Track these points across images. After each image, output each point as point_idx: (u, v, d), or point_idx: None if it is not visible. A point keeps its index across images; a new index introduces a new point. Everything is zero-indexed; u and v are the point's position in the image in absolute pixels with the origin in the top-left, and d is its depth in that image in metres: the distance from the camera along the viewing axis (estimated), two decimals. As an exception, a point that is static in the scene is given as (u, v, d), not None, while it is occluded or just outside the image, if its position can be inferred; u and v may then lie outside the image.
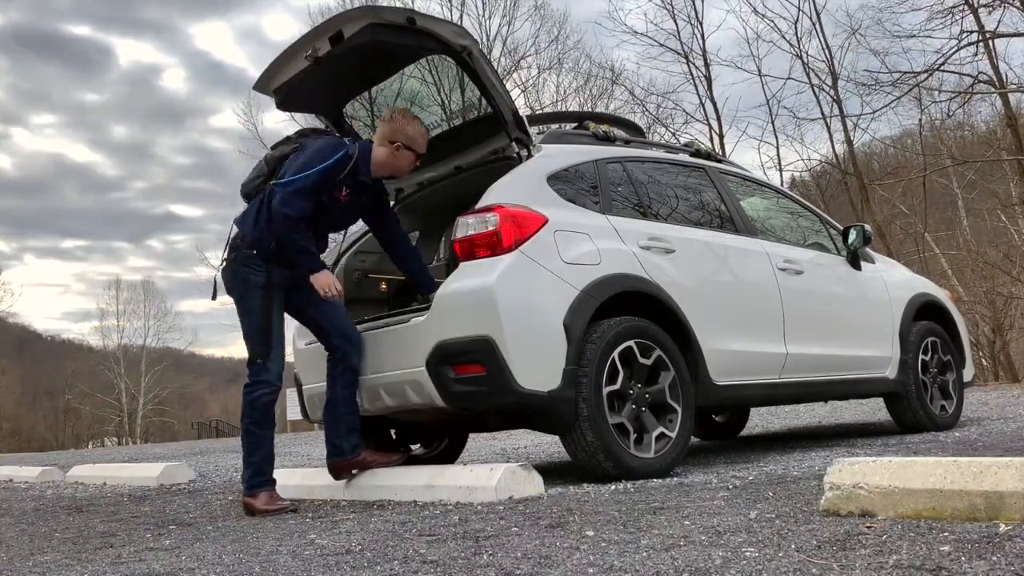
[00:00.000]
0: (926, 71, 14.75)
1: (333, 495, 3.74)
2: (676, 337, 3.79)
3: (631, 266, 3.75)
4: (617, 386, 3.52)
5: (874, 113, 16.33)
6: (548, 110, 21.15)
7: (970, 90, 15.17)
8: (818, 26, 18.08)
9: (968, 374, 5.59)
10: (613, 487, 3.31)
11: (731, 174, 4.84)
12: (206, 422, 44.76)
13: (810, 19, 18.30)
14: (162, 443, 31.21)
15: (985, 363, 16.53)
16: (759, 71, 19.03)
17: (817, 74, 18.19)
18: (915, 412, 5.06)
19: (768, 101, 19.06)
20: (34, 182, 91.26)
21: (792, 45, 18.39)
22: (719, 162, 4.91)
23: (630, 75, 31.36)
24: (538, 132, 4.19)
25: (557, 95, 22.29)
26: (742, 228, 4.52)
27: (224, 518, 3.41)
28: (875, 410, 7.64)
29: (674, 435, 3.65)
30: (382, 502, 3.44)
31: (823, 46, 17.94)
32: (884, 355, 4.98)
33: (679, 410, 3.69)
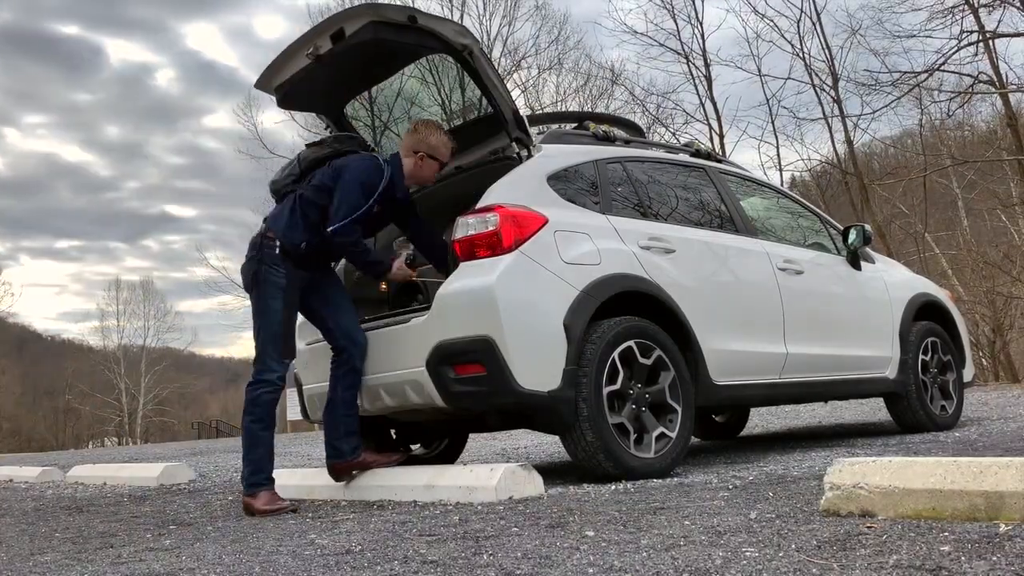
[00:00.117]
0: (926, 71, 14.77)
1: (333, 495, 3.74)
2: (676, 337, 3.79)
3: (631, 266, 3.75)
4: (617, 386, 3.52)
5: (874, 113, 16.38)
6: (548, 110, 21.17)
7: (970, 90, 15.19)
8: (818, 26, 18.10)
9: (968, 374, 5.59)
10: (613, 487, 3.31)
11: (731, 174, 4.84)
12: (206, 422, 44.78)
13: (810, 19, 18.32)
14: (162, 443, 31.22)
15: (985, 363, 16.53)
16: (759, 71, 19.06)
17: (817, 74, 18.21)
18: (915, 412, 5.06)
19: (768, 101, 19.09)
20: (27, 182, 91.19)
21: (793, 45, 18.42)
22: (719, 162, 4.90)
23: (630, 75, 31.39)
24: (538, 132, 4.18)
25: (557, 95, 22.33)
26: (742, 228, 4.52)
27: (224, 518, 3.41)
28: (875, 410, 7.64)
29: (674, 435, 3.65)
30: (382, 502, 3.44)
31: (823, 46, 17.97)
32: (884, 355, 4.98)
33: (679, 410, 3.69)
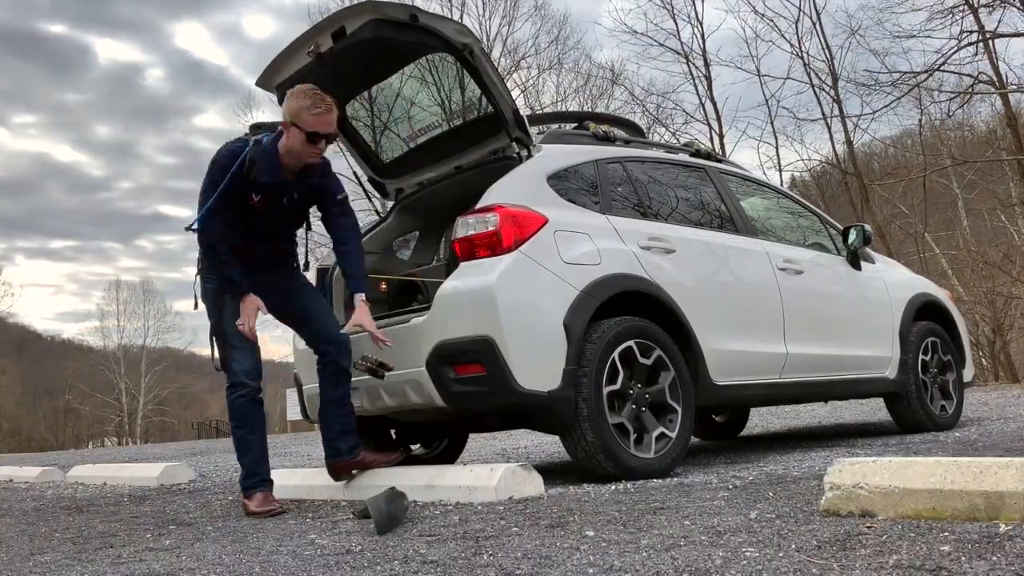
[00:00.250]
0: (926, 71, 14.78)
1: (333, 495, 3.74)
2: (676, 337, 3.79)
3: (631, 266, 3.75)
4: (617, 386, 3.52)
5: (874, 113, 16.38)
6: (548, 110, 21.18)
7: (970, 90, 15.19)
8: (818, 26, 18.12)
9: (968, 374, 5.59)
10: (613, 487, 3.31)
11: (731, 174, 4.84)
12: (206, 422, 44.77)
13: (810, 19, 18.36)
14: (162, 443, 31.23)
15: (985, 363, 16.54)
16: (759, 71, 19.09)
17: (817, 74, 18.23)
18: (915, 412, 5.06)
19: (767, 101, 19.12)
20: (19, 182, 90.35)
21: (792, 45, 18.43)
22: (719, 162, 4.90)
23: (630, 75, 31.39)
24: (538, 132, 4.19)
25: (557, 95, 22.37)
26: (742, 228, 4.52)
27: (224, 518, 3.41)
28: (875, 410, 7.64)
29: (674, 435, 3.65)
30: (382, 502, 3.43)
31: (823, 46, 18.00)
32: (884, 355, 4.98)
33: (679, 410, 3.69)
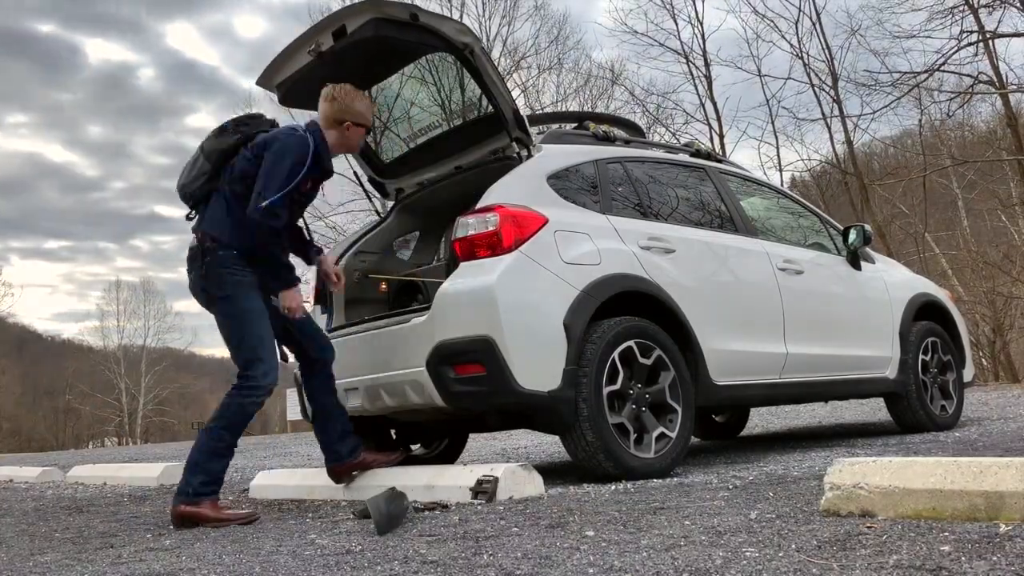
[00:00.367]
0: (926, 71, 14.77)
1: (333, 495, 3.74)
2: (676, 337, 3.79)
3: (631, 266, 3.75)
4: (617, 386, 3.52)
5: (874, 113, 16.37)
6: (548, 110, 21.17)
7: (970, 90, 15.19)
8: (818, 26, 18.09)
9: (968, 374, 5.59)
10: (613, 487, 3.31)
11: (731, 174, 4.84)
12: (206, 422, 44.74)
13: (810, 19, 18.31)
14: (162, 443, 31.20)
15: (985, 363, 16.54)
16: (759, 71, 19.06)
17: (817, 74, 18.21)
18: (915, 412, 5.06)
19: (768, 101, 19.09)
20: (12, 182, 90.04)
21: (792, 45, 18.42)
22: (719, 162, 4.91)
23: (630, 75, 31.37)
24: (538, 132, 4.19)
25: (557, 95, 22.34)
26: (742, 228, 4.52)
27: (224, 518, 3.40)
28: (875, 410, 7.64)
29: (674, 435, 3.65)
30: (382, 502, 3.43)
31: (823, 46, 17.95)
32: (884, 355, 4.98)
33: (679, 410, 3.69)
